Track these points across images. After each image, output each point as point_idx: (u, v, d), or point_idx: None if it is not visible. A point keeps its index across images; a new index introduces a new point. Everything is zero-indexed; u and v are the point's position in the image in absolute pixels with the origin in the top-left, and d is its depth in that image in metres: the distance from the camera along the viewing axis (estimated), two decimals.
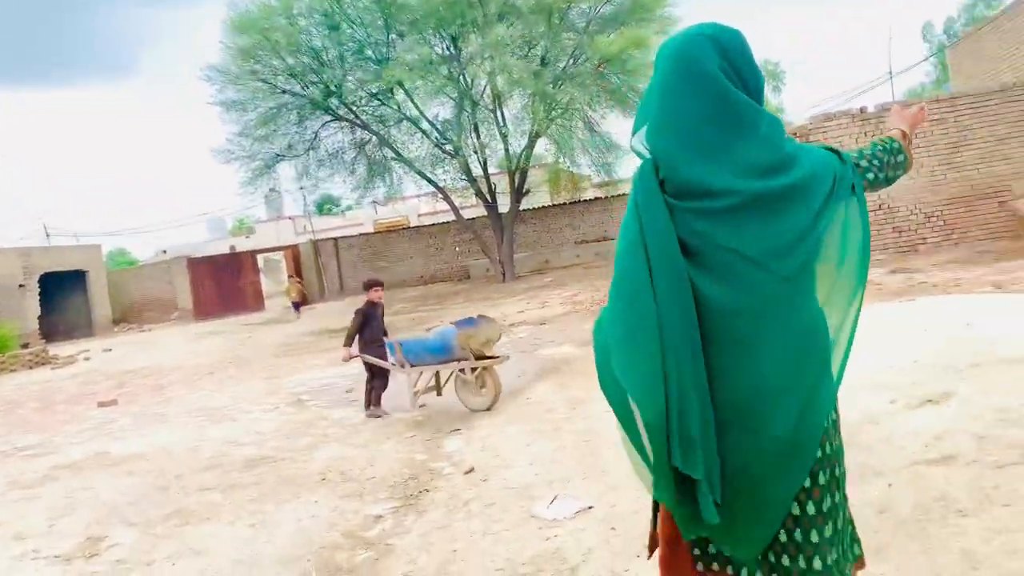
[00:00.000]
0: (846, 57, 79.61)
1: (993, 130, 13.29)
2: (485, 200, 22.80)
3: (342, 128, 23.43)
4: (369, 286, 7.68)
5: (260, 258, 30.76)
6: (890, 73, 29.00)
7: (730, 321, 1.54)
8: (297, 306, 21.84)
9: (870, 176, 1.82)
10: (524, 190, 22.78)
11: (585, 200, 27.99)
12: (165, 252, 39.13)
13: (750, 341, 1.54)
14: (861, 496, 2.95)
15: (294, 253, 28.04)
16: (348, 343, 7.39)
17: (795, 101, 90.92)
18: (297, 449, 6.21)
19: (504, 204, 23.08)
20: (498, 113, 21.42)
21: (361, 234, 30.90)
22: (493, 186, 22.93)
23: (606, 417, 5.50)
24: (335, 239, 29.00)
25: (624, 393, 1.55)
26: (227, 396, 9.54)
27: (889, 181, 1.88)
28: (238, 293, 27.86)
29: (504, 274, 22.27)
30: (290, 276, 23.09)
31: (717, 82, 1.60)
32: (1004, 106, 13.24)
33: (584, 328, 11.03)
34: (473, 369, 6.72)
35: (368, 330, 7.47)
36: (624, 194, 26.30)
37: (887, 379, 4.01)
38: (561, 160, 23.83)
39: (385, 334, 7.63)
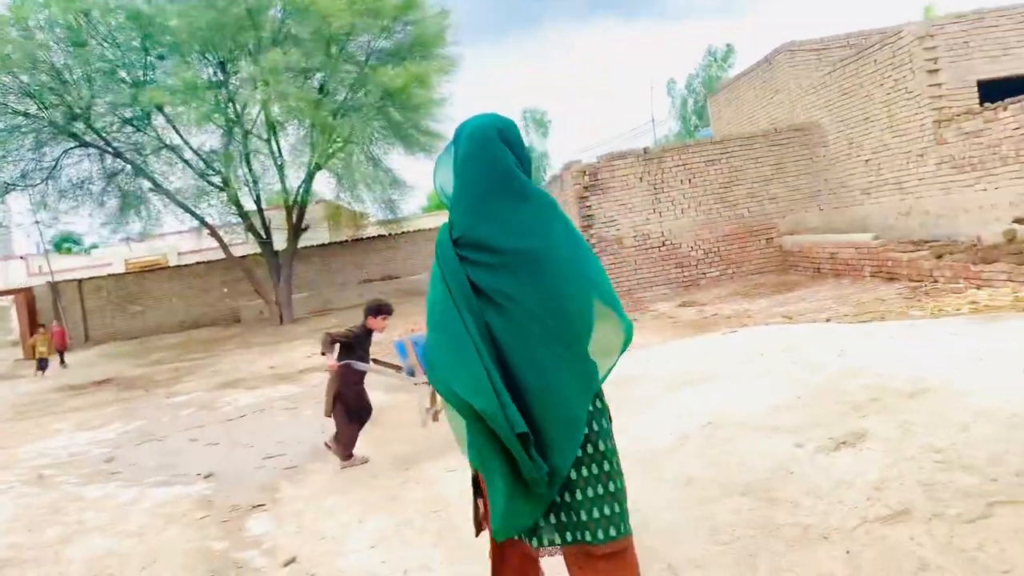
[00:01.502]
0: (605, 107, 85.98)
1: (760, 171, 14.34)
2: (259, 236, 21.08)
3: (89, 155, 20.66)
4: (377, 311, 5.66)
5: None
6: (652, 120, 31.14)
7: (511, 343, 2.02)
8: (44, 363, 17.59)
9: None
10: (303, 226, 21.35)
11: (369, 238, 26.96)
12: None
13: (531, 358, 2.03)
14: (817, 568, 2.41)
15: (27, 297, 24.10)
16: (328, 349, 5.44)
17: (560, 145, 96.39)
18: (43, 545, 4.75)
19: (280, 241, 21.46)
20: (273, 144, 19.96)
21: (111, 275, 27.36)
22: (268, 221, 21.26)
23: (450, 479, 4.70)
24: (79, 280, 25.41)
25: (459, 396, 1.99)
26: None
27: None
28: None
29: (281, 316, 20.63)
30: (40, 325, 19.11)
31: (501, 164, 2.08)
32: (768, 149, 14.35)
33: None
34: None
35: (350, 353, 5.60)
36: (407, 231, 25.71)
37: (779, 420, 3.62)
38: (342, 196, 22.70)
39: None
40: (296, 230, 21.05)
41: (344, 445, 5.60)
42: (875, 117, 12.47)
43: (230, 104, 18.90)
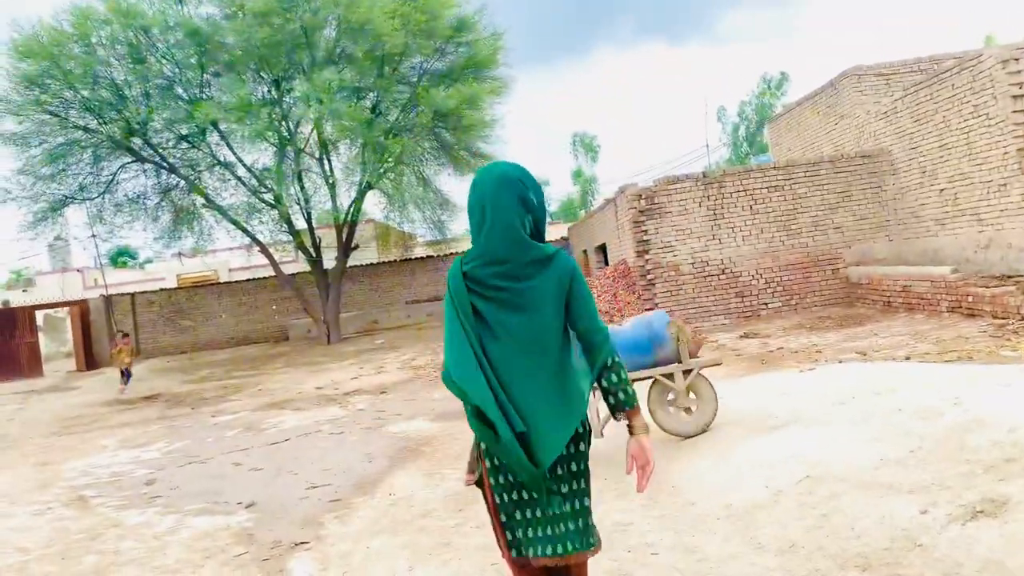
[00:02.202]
0: (655, 132, 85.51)
1: (824, 199, 13.76)
2: (308, 254, 21.05)
3: (145, 171, 20.89)
4: None
5: (40, 315, 26.63)
6: (707, 145, 30.73)
7: (504, 367, 2.36)
8: (127, 374, 15.83)
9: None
10: (352, 245, 21.27)
11: (417, 258, 26.83)
12: None
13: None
14: None
15: (82, 309, 24.43)
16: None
17: (610, 170, 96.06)
18: None
19: (329, 260, 21.41)
20: (325, 163, 19.95)
21: (162, 289, 27.65)
22: (318, 240, 21.24)
23: None
24: (132, 294, 25.71)
25: (472, 400, 2.35)
26: None
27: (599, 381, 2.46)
28: (10, 355, 23.71)
29: (329, 335, 20.50)
30: (122, 334, 17.62)
31: (509, 213, 2.38)
32: (833, 176, 13.77)
33: (433, 398, 9.79)
34: (685, 373, 4.99)
35: None
36: (455, 252, 25.58)
37: (892, 477, 3.16)
38: (392, 215, 22.60)
39: None
40: (346, 249, 20.98)
41: None
42: (951, 144, 11.83)
43: (283, 122, 18.96)
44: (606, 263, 18.11)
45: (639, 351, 5.09)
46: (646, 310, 13.50)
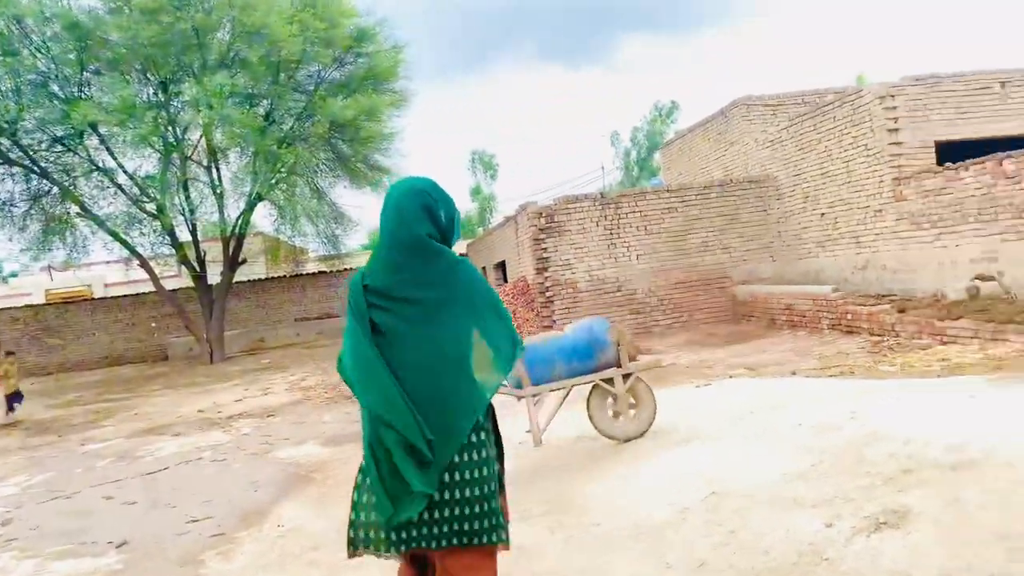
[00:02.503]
0: (553, 153, 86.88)
1: (714, 221, 14.22)
2: (192, 269, 20.01)
3: (12, 175, 19.35)
4: None
5: None
6: (602, 168, 31.46)
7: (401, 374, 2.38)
8: (16, 399, 13.20)
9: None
10: (239, 260, 20.39)
11: (308, 274, 26.03)
12: None
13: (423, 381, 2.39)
14: None
15: None
16: None
17: (509, 188, 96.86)
18: None
19: (215, 275, 20.43)
20: (213, 171, 19.09)
21: (28, 305, 25.69)
22: (203, 253, 20.24)
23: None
24: None
25: (375, 410, 2.38)
26: None
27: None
28: None
29: (212, 354, 19.51)
30: (6, 352, 14.43)
31: (415, 228, 2.39)
32: (723, 199, 14.26)
33: (324, 420, 9.39)
34: (625, 377, 4.95)
35: None
36: (349, 268, 25.03)
37: (796, 492, 3.16)
38: (283, 229, 21.83)
39: None
40: (232, 263, 20.09)
41: None
42: (832, 172, 12.46)
43: (170, 127, 17.99)
44: (505, 280, 18.08)
45: (580, 357, 5.08)
46: (544, 327, 13.53)
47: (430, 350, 2.34)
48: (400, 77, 20.51)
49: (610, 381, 5.13)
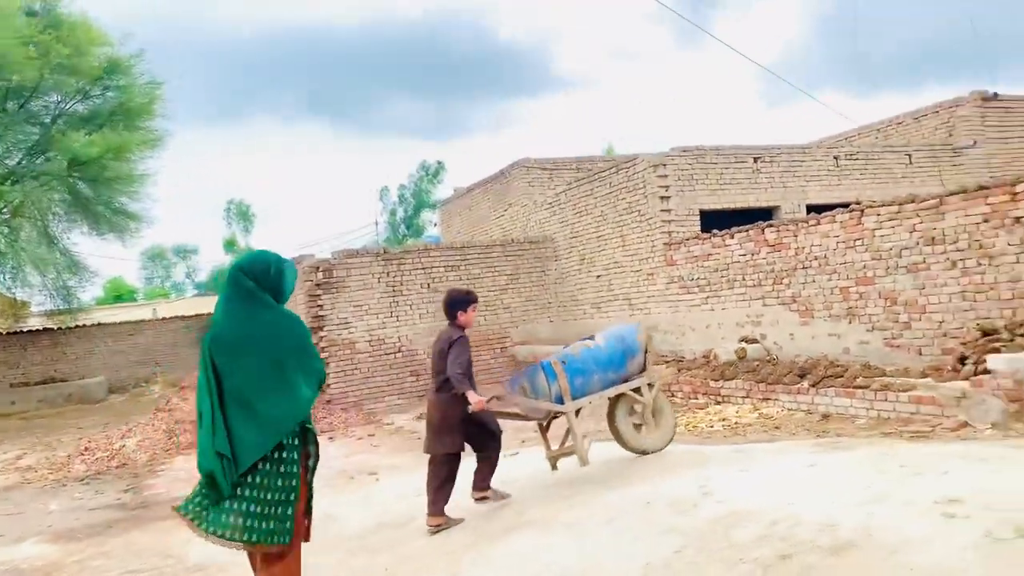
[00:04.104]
0: (317, 207, 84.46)
1: (496, 280, 14.20)
2: None
3: None
4: (468, 301, 5.17)
5: None
6: (376, 223, 31.25)
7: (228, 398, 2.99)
8: None
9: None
10: None
11: (30, 331, 22.45)
12: None
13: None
14: None
15: None
16: (471, 384, 4.77)
17: (269, 240, 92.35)
18: None
19: None
20: None
21: None
22: None
23: None
24: None
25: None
26: None
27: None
28: None
29: None
30: None
31: (242, 288, 3.09)
32: (504, 259, 14.32)
33: (50, 509, 7.77)
34: (650, 386, 4.92)
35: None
36: (83, 325, 22.15)
37: None
38: (2, 279, 18.70)
39: None
40: None
41: (486, 479, 4.91)
42: (608, 236, 12.97)
43: None
44: None
45: (615, 367, 4.99)
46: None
47: (240, 381, 3.01)
48: (156, 115, 18.70)
49: (637, 391, 5.07)
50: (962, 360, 6.82)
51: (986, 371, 6.12)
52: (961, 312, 7.48)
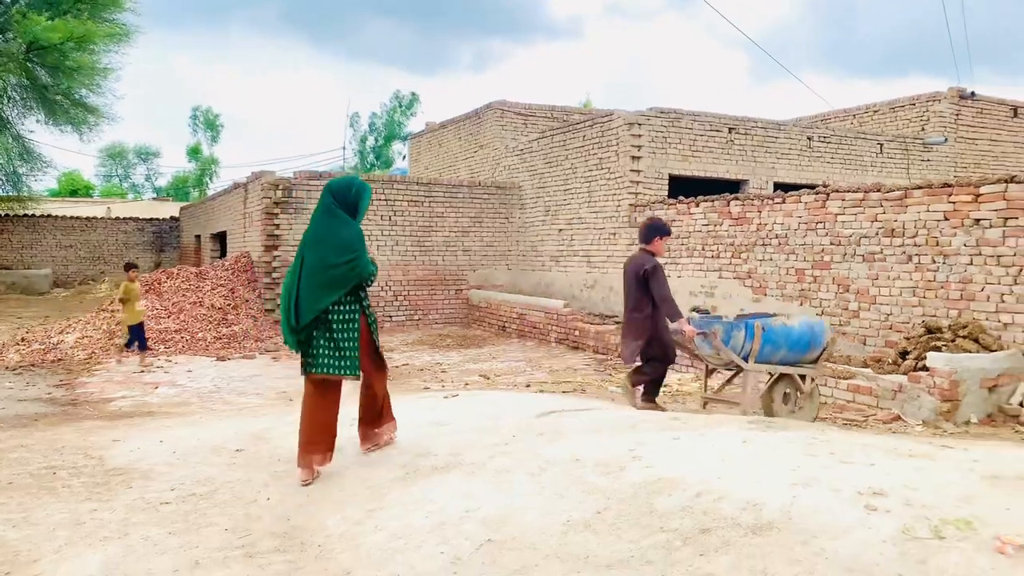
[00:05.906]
0: (288, 124, 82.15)
1: (459, 221, 14.03)
2: None
3: None
4: (662, 230, 5.96)
5: None
6: (344, 148, 30.47)
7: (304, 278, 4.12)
8: (138, 334, 10.43)
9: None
10: None
11: None
12: None
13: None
14: None
15: None
16: (678, 311, 5.68)
17: (236, 153, 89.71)
18: None
19: None
20: None
21: None
22: None
23: None
24: None
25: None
26: None
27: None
28: None
29: None
30: (130, 266, 10.89)
31: (328, 210, 4.12)
32: (470, 200, 14.13)
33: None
34: (812, 380, 5.65)
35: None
36: (32, 215, 21.51)
37: (586, 547, 2.80)
38: None
39: None
40: None
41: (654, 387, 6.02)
42: (575, 190, 12.86)
43: None
44: (223, 254, 16.41)
45: (801, 348, 5.54)
46: (266, 310, 12.38)
47: (316, 264, 4.02)
48: (124, 7, 17.86)
49: (803, 378, 5.63)
50: (903, 354, 6.94)
51: (925, 368, 6.23)
52: (909, 307, 7.59)
